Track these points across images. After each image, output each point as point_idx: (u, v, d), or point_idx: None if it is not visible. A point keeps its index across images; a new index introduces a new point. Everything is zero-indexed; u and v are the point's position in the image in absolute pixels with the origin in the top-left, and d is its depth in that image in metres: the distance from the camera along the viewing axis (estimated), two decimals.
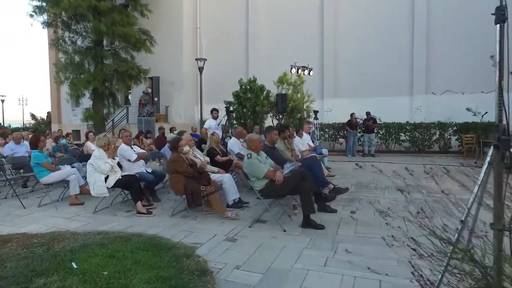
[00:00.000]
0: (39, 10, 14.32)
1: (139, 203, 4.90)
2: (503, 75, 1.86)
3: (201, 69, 14.70)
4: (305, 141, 8.28)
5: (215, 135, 6.23)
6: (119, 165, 5.48)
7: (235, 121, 10.91)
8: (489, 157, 1.96)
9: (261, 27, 17.03)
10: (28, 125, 29.37)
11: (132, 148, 5.81)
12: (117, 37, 14.32)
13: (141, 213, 4.84)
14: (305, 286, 2.81)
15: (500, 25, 1.79)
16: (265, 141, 4.79)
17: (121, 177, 5.13)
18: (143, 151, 6.06)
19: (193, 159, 4.97)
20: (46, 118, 27.80)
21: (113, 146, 5.30)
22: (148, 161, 6.52)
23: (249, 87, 10.79)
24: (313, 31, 15.92)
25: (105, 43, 16.01)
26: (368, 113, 12.76)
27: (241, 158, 6.72)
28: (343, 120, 13.90)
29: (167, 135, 10.90)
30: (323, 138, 13.81)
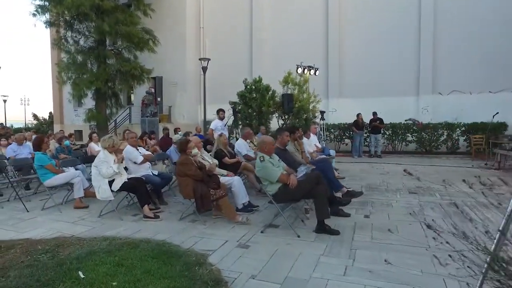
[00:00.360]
0: (42, 9, 14.17)
1: (146, 207, 4.74)
2: None
3: (204, 69, 14.55)
4: (312, 142, 8.12)
5: (223, 136, 6.07)
6: (125, 168, 5.32)
7: (240, 122, 10.74)
8: None
9: (265, 26, 16.85)
10: (30, 126, 29.25)
11: (137, 149, 5.64)
12: (120, 36, 14.16)
13: (148, 218, 4.68)
14: None
15: None
16: (276, 143, 4.62)
17: (127, 180, 4.97)
18: (149, 152, 5.89)
19: (201, 162, 4.81)
20: (48, 118, 27.68)
21: (118, 148, 5.15)
22: (153, 163, 6.35)
23: (254, 87, 10.62)
24: (318, 29, 15.74)
25: (108, 42, 15.87)
26: (374, 113, 12.58)
27: (249, 159, 6.57)
28: (348, 120, 13.72)
29: (172, 136, 10.75)
30: (329, 139, 13.63)
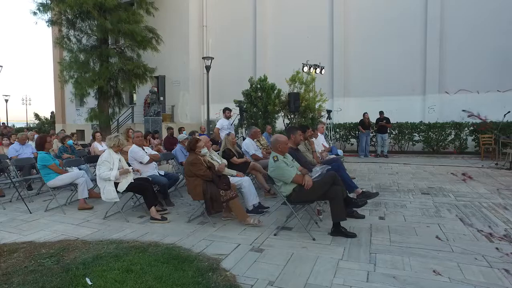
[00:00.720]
0: (43, 7, 14.02)
1: (153, 209, 4.56)
2: None
3: (208, 68, 14.37)
4: (319, 142, 7.93)
5: (231, 135, 5.89)
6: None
7: (245, 121, 10.58)
8: None
9: (269, 25, 16.67)
10: (31, 125, 29.12)
11: (143, 149, 5.47)
12: (123, 35, 13.99)
13: (155, 220, 4.50)
14: None
15: None
16: (289, 143, 4.43)
17: (134, 180, 4.79)
18: (155, 152, 5.71)
19: (210, 162, 4.63)
20: (50, 117, 27.52)
21: (123, 149, 4.99)
22: (158, 163, 6.18)
23: (260, 86, 10.45)
24: (322, 29, 15.54)
25: (110, 41, 15.71)
26: (381, 112, 12.38)
27: (257, 159, 6.40)
28: (353, 120, 13.55)
29: (176, 136, 10.58)
30: (334, 138, 13.45)
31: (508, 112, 9.89)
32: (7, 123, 26.68)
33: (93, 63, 14.47)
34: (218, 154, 5.61)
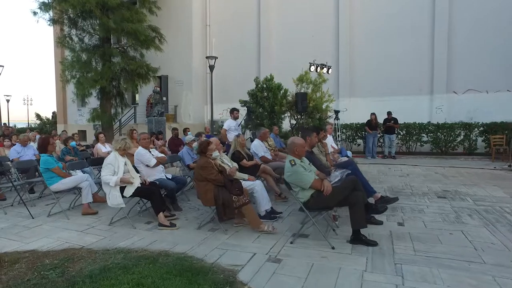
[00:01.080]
0: (45, 6, 13.81)
1: (161, 215, 4.35)
2: None
3: (211, 68, 14.17)
4: (328, 143, 7.70)
5: (240, 137, 5.67)
6: (137, 171, 4.93)
7: (250, 122, 10.36)
8: None
9: (273, 24, 16.44)
10: (33, 125, 28.94)
11: (150, 151, 5.25)
12: (126, 34, 13.77)
13: (163, 226, 4.29)
14: None
15: None
16: None
17: (140, 184, 4.58)
18: (162, 155, 5.50)
19: (222, 165, 4.42)
20: (51, 118, 27.35)
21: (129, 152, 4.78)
22: (165, 166, 5.97)
23: (266, 86, 10.23)
24: (327, 28, 15.30)
25: (112, 41, 15.49)
26: (389, 112, 12.14)
27: (266, 161, 6.19)
28: (359, 120, 13.32)
29: (180, 137, 10.37)
30: (341, 139, 13.22)
31: None
32: (8, 124, 26.52)
33: (96, 63, 14.25)
34: (227, 156, 5.39)
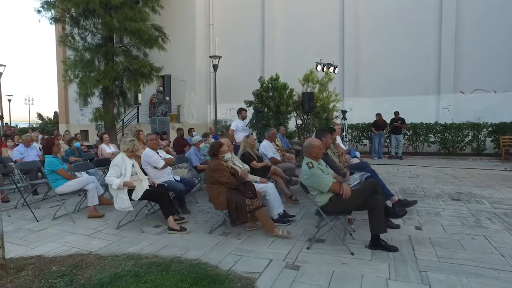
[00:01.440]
0: (47, 5, 13.65)
1: (171, 218, 4.19)
2: None
3: (215, 67, 14.03)
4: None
5: (250, 137, 5.51)
6: (145, 173, 4.78)
7: (255, 122, 10.19)
8: None
9: (277, 23, 16.28)
10: (34, 125, 28.80)
11: (157, 153, 5.10)
12: (129, 33, 13.61)
13: (173, 230, 4.13)
14: None
15: None
16: None
17: (149, 187, 4.43)
18: (171, 156, 5.35)
19: (234, 167, 4.27)
20: (53, 118, 27.20)
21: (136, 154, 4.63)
22: (173, 167, 5.82)
23: (271, 86, 10.07)
24: (333, 26, 15.14)
25: (115, 40, 15.33)
26: (396, 112, 11.98)
27: (275, 162, 6.04)
28: (364, 120, 13.17)
29: (186, 137, 10.21)
30: (347, 139, 13.07)
31: None
32: (10, 123, 26.41)
33: (98, 62, 14.09)
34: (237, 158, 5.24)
